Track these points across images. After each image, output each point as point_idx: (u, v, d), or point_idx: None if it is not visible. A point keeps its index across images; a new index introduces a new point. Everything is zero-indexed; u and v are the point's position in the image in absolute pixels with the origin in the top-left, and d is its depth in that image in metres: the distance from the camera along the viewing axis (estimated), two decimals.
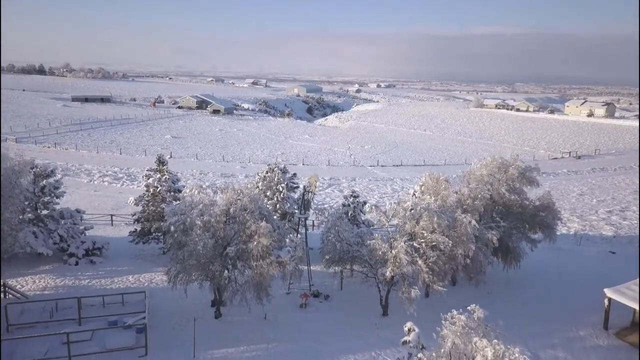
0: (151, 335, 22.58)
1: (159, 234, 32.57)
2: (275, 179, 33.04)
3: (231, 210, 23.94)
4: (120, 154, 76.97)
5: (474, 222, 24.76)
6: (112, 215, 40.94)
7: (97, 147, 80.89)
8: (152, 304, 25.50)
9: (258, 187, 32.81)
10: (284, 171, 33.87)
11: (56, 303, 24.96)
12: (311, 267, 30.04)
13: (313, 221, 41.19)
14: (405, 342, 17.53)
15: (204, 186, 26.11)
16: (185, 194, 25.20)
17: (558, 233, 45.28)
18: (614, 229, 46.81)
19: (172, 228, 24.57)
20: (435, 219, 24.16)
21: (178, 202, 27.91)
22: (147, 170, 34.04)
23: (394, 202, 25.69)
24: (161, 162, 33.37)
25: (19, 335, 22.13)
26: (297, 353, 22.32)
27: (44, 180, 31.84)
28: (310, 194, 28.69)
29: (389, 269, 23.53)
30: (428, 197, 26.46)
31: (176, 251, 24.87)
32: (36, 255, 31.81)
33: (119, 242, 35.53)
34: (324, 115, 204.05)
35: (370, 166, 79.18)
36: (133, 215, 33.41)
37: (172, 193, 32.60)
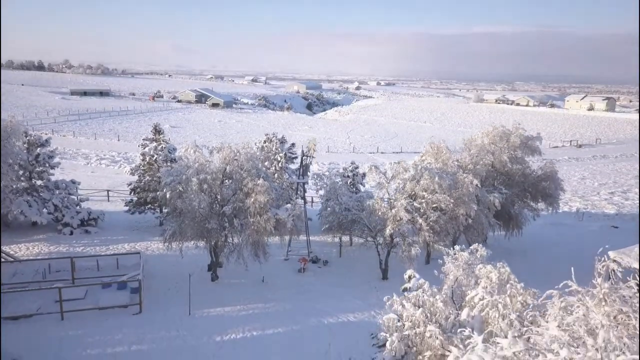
0: (146, 295, 22.15)
1: (156, 204, 32.07)
2: (274, 149, 32.49)
3: (228, 169, 23.47)
4: (118, 140, 76.44)
5: (476, 181, 24.26)
6: (108, 191, 40.41)
7: (94, 134, 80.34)
8: (148, 269, 25.05)
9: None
10: (282, 141, 33.32)
11: (49, 264, 24.46)
12: (310, 238, 29.60)
13: (312, 197, 40.74)
14: (405, 290, 17.07)
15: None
16: (180, 154, 24.73)
17: (560, 211, 44.96)
18: (616, 207, 46.30)
19: (168, 195, 24.11)
20: (437, 179, 23.66)
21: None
22: (143, 140, 33.56)
23: (394, 162, 25.15)
24: (157, 131, 32.88)
25: (11, 297, 21.62)
26: (295, 312, 21.85)
27: (38, 149, 31.34)
28: (309, 158, 28.18)
29: (389, 227, 23.03)
30: (429, 158, 25.97)
31: (172, 213, 24.44)
32: (30, 224, 31.40)
33: (115, 215, 35.05)
34: (324, 111, 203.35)
35: (370, 153, 78.70)
36: (129, 185, 32.86)
37: (168, 163, 32.04)
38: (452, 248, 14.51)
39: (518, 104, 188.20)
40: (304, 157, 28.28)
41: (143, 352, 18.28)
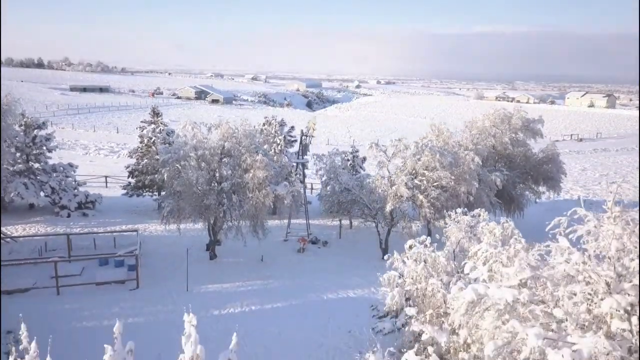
0: (144, 273, 21.90)
1: (154, 187, 31.77)
2: (273, 132, 32.19)
3: (226, 145, 23.20)
4: (117, 132, 76.11)
5: (477, 159, 23.99)
6: (106, 177, 40.11)
7: (94, 126, 79.98)
8: (146, 248, 24.80)
9: None
10: (282, 124, 33.01)
11: (45, 242, 24.22)
12: (310, 221, 29.32)
13: (312, 184, 40.48)
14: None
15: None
16: (178, 131, 24.47)
17: (561, 198, 44.46)
18: (618, 196, 45.99)
19: (166, 176, 23.88)
20: (438, 156, 23.39)
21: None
22: (141, 122, 33.29)
23: (395, 140, 24.87)
24: (156, 113, 32.60)
25: (6, 273, 21.33)
26: (294, 288, 21.61)
27: (35, 131, 31.07)
28: (308, 138, 27.89)
29: (389, 204, 22.76)
30: (430, 136, 25.71)
31: (169, 191, 24.16)
32: (28, 207, 31.14)
33: (113, 199, 34.72)
34: (324, 108, 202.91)
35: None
36: (127, 168, 32.57)
37: (167, 145, 31.74)
38: (454, 211, 14.23)
39: (518, 101, 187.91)
40: (303, 137, 27.99)
41: (140, 324, 17.99)
